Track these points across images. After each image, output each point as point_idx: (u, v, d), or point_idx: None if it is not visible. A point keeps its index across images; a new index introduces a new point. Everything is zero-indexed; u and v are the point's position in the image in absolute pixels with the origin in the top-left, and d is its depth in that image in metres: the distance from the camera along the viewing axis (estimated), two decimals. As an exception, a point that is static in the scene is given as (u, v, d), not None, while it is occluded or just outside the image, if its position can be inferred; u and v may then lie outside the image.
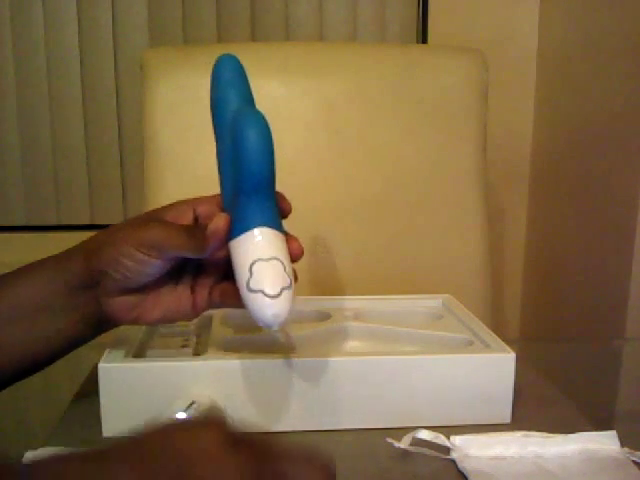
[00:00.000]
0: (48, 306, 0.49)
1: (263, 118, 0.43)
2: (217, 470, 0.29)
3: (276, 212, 0.47)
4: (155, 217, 0.50)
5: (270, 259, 0.43)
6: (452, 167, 0.97)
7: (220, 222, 0.46)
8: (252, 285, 0.43)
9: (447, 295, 0.73)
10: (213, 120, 0.49)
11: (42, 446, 0.40)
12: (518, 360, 0.55)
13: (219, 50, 0.53)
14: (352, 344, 0.63)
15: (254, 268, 0.43)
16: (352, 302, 0.70)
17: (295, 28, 1.52)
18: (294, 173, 0.92)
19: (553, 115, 1.51)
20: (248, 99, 0.48)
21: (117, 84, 1.52)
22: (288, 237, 0.47)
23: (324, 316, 0.65)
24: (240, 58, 0.96)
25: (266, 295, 0.42)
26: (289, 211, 0.49)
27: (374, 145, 0.96)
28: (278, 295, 0.43)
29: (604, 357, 0.78)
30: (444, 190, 0.96)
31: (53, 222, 1.57)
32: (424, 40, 1.54)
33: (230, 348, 0.56)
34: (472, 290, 0.97)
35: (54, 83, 1.51)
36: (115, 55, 1.51)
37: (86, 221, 1.57)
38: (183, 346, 0.57)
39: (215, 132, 0.49)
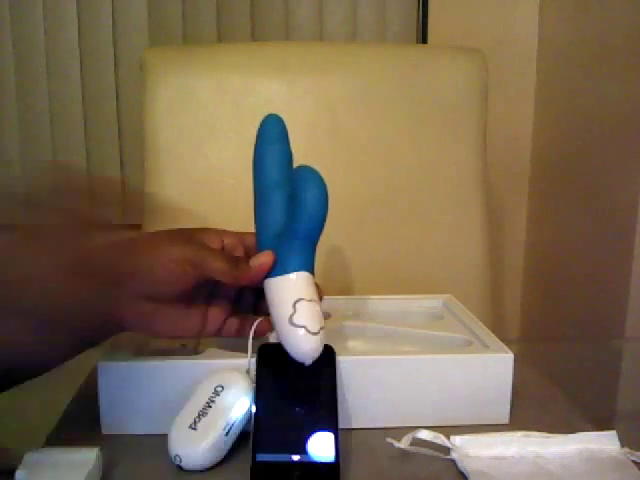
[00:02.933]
0: None
1: (322, 179, 0.48)
2: None
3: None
4: (190, 237, 0.51)
5: (311, 300, 0.48)
6: (452, 167, 0.97)
7: (268, 259, 0.50)
8: (295, 321, 0.47)
9: (447, 295, 0.73)
10: (255, 171, 0.53)
11: (42, 446, 0.40)
12: (518, 360, 0.55)
13: (219, 50, 0.53)
14: (352, 344, 0.63)
15: (297, 305, 0.48)
16: (352, 302, 0.71)
17: (295, 28, 1.52)
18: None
19: (553, 115, 1.51)
20: (289, 156, 0.54)
21: (117, 84, 1.52)
22: None
23: (324, 316, 0.65)
24: (240, 58, 0.96)
25: (308, 331, 0.47)
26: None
27: (374, 144, 0.96)
28: (317, 333, 0.48)
29: (604, 357, 0.78)
30: (444, 190, 0.96)
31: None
32: (424, 40, 1.54)
33: (229, 347, 0.56)
34: (472, 290, 0.97)
35: (54, 83, 1.51)
36: (115, 55, 1.51)
37: (86, 221, 1.57)
38: (183, 345, 0.57)
39: (255, 181, 0.53)
